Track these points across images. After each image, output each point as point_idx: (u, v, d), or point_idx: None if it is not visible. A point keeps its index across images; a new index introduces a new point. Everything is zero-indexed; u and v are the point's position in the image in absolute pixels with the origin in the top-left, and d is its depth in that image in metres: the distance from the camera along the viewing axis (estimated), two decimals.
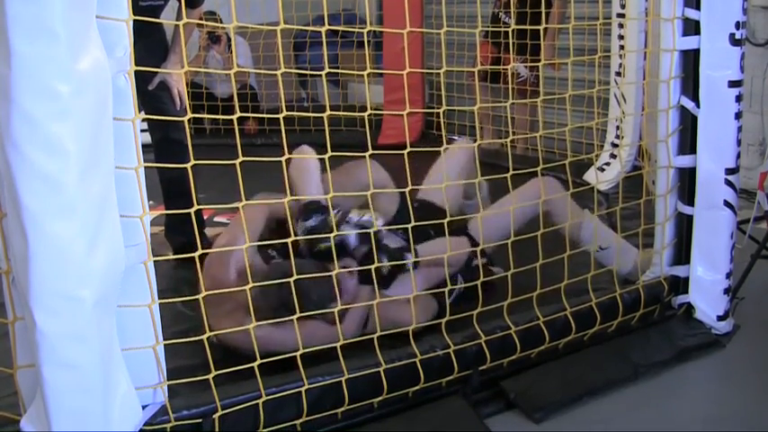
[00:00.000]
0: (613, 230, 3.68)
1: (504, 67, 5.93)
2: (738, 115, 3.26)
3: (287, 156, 2.57)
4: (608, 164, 5.39)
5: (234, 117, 2.53)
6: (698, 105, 3.26)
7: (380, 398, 2.82)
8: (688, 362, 3.26)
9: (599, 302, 3.26)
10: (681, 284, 3.50)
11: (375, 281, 2.97)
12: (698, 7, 3.18)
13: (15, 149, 1.92)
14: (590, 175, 5.22)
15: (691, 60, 3.26)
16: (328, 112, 2.69)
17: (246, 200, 2.52)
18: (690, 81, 3.28)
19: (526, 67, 6.12)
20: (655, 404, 3.00)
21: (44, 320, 2.01)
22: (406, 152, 2.84)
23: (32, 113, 1.91)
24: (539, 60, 4.91)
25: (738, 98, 3.25)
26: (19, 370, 2.29)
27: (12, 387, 2.36)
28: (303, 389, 2.67)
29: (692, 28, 3.21)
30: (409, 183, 2.86)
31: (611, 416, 2.92)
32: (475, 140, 3.23)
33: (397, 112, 6.08)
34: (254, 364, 2.58)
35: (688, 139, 3.33)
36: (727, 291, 3.44)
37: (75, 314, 2.05)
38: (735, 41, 3.19)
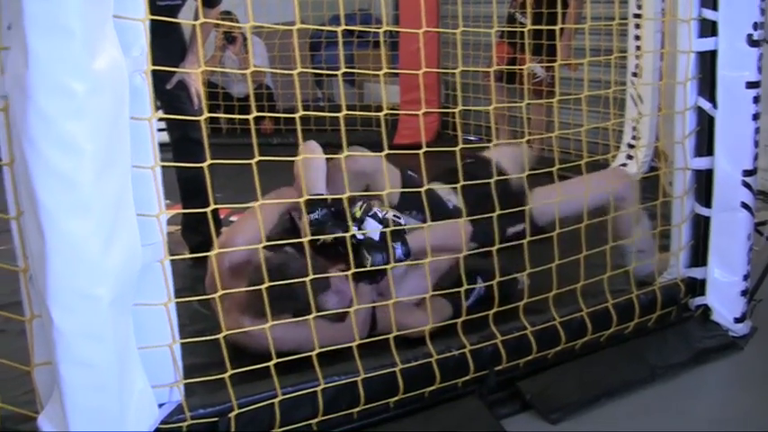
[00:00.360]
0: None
1: (520, 67, 5.92)
2: (756, 116, 3.25)
3: (303, 155, 2.57)
4: (624, 165, 5.37)
5: (250, 117, 2.54)
6: (715, 106, 3.25)
7: (396, 398, 2.81)
8: (705, 364, 3.25)
9: (615, 303, 3.25)
10: (698, 286, 3.49)
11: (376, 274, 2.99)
12: (715, 8, 3.16)
13: (32, 147, 1.93)
14: None
15: (707, 61, 3.24)
16: (344, 112, 2.69)
17: (263, 199, 2.51)
18: (707, 82, 3.26)
19: (542, 67, 6.11)
20: (672, 406, 2.99)
21: (61, 318, 2.02)
22: (421, 152, 2.84)
23: (48, 111, 1.92)
24: (555, 61, 4.89)
25: (756, 99, 3.23)
26: (36, 367, 2.30)
27: (29, 384, 2.37)
28: (319, 388, 2.67)
29: (708, 29, 3.20)
30: (425, 182, 2.85)
31: (627, 417, 2.91)
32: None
33: (412, 112, 6.08)
34: (270, 364, 2.58)
35: (705, 141, 3.31)
36: (744, 293, 3.42)
37: (92, 312, 2.05)
38: (752, 42, 3.17)
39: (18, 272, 2.24)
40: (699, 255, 3.47)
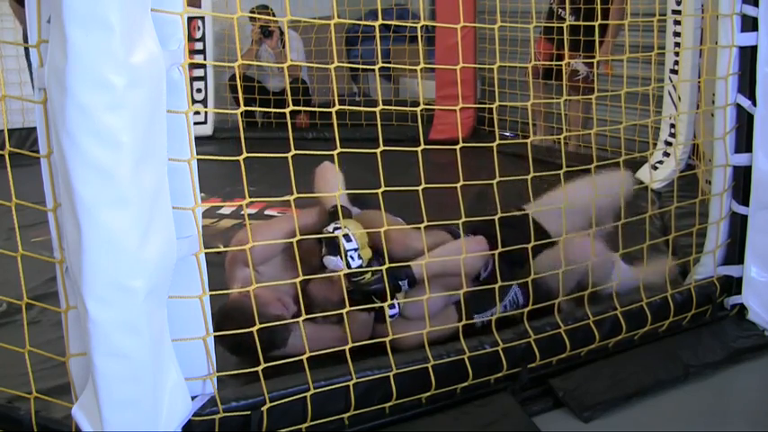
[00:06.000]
0: (665, 230, 3.63)
1: (559, 63, 5.89)
2: None
3: (339, 150, 2.57)
4: (661, 162, 5.34)
5: (286, 111, 2.54)
6: (754, 103, 3.21)
7: (428, 393, 2.82)
8: (740, 364, 3.22)
9: (650, 302, 3.23)
10: (734, 285, 3.46)
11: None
12: (756, 4, 3.13)
13: (70, 139, 1.94)
14: (643, 174, 5.17)
15: (747, 57, 3.21)
16: (380, 107, 2.69)
17: (298, 193, 2.52)
18: (746, 79, 3.23)
19: (584, 63, 6.06)
20: (705, 405, 2.97)
21: (96, 310, 2.03)
22: (458, 147, 2.83)
23: (87, 104, 1.93)
24: (594, 58, 4.87)
25: None
26: (71, 358, 2.31)
27: (64, 375, 2.39)
28: (351, 383, 2.67)
29: (750, 24, 3.17)
30: (461, 178, 2.85)
31: (660, 416, 2.89)
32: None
33: (449, 107, 6.08)
34: (303, 357, 2.59)
35: (744, 138, 3.28)
36: None
37: (127, 304, 2.06)
38: None
39: (54, 263, 2.26)
40: (735, 253, 3.43)
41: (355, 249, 3.04)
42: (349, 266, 3.02)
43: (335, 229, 3.08)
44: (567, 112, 6.26)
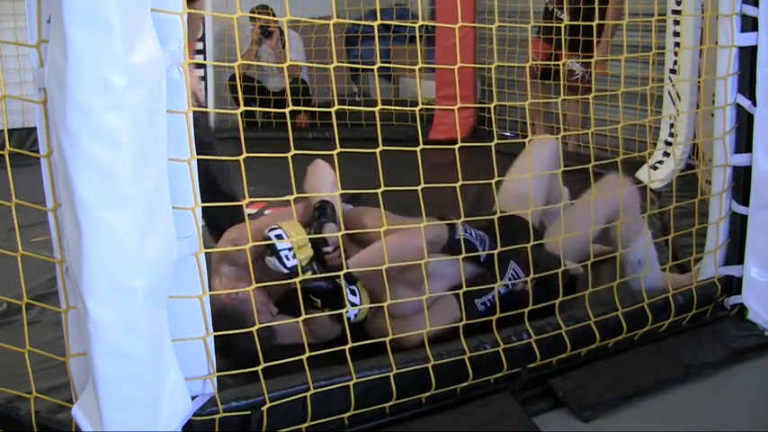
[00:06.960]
0: (665, 230, 3.63)
1: (557, 63, 5.89)
2: None
3: (339, 150, 2.57)
4: (661, 162, 5.34)
5: (286, 111, 2.54)
6: (754, 103, 3.21)
7: (428, 393, 2.81)
8: (740, 363, 3.21)
9: (651, 302, 3.23)
10: (734, 285, 3.46)
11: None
12: (756, 4, 3.13)
13: (70, 140, 1.94)
14: (642, 174, 5.17)
15: (747, 57, 3.21)
16: (380, 107, 2.69)
17: (298, 193, 2.52)
18: (746, 79, 3.23)
19: (580, 63, 6.06)
20: (705, 405, 2.97)
21: (96, 310, 2.03)
22: (457, 147, 2.83)
23: (87, 104, 1.93)
24: (591, 57, 4.87)
25: None
26: (71, 358, 2.31)
27: (64, 375, 2.39)
28: (351, 383, 2.67)
29: (750, 24, 3.17)
30: (460, 178, 2.85)
31: (660, 416, 2.89)
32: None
33: (449, 107, 6.08)
34: (303, 357, 2.59)
35: (744, 138, 3.28)
36: None
37: (127, 304, 2.06)
38: None
39: (54, 263, 2.26)
40: (736, 253, 3.43)
41: (289, 249, 3.06)
42: (285, 266, 3.04)
43: (271, 230, 3.10)
44: (565, 111, 6.26)
